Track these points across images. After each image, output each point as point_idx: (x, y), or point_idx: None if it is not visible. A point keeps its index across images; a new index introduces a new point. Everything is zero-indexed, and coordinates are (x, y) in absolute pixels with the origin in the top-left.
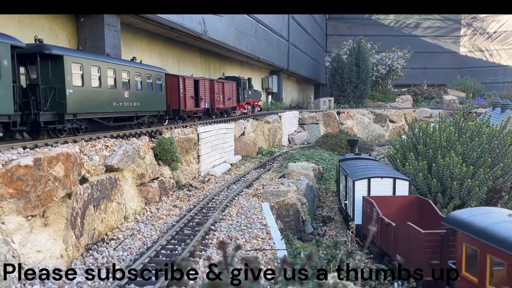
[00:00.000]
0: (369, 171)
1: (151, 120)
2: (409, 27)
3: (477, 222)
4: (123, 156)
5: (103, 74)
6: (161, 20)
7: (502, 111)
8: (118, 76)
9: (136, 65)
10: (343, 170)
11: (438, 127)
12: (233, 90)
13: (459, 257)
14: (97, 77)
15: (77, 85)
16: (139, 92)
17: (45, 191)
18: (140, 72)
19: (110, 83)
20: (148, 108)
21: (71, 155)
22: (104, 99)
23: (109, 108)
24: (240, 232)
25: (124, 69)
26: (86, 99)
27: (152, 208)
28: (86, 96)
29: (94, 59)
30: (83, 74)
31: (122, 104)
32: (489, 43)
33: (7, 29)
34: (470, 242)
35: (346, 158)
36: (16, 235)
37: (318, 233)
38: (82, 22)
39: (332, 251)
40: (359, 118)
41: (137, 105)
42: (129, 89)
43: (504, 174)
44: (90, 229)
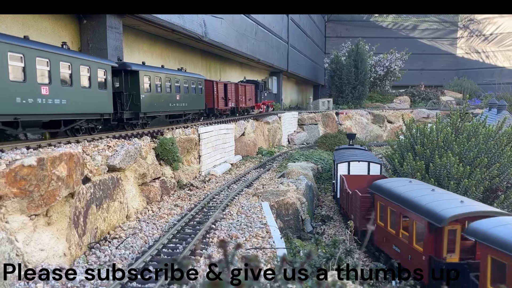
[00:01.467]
0: (351, 156)
1: (194, 117)
2: (406, 29)
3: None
4: (125, 156)
5: (162, 82)
6: (162, 22)
7: (498, 112)
8: (172, 83)
9: (184, 73)
10: (333, 157)
11: (435, 128)
12: (253, 92)
13: None
14: (159, 84)
15: (147, 91)
16: (186, 95)
17: (48, 190)
18: (186, 79)
19: (167, 89)
20: (192, 107)
21: (74, 155)
22: (163, 101)
23: (166, 108)
24: (240, 231)
25: (176, 78)
26: (152, 101)
27: (153, 207)
28: (152, 99)
29: (157, 72)
30: (150, 83)
31: (175, 105)
32: (486, 45)
33: (12, 30)
34: (380, 200)
35: (339, 148)
36: (19, 234)
37: (317, 232)
38: (85, 24)
39: (331, 249)
40: (358, 118)
41: (185, 105)
42: (180, 92)
43: (500, 174)
44: (92, 228)
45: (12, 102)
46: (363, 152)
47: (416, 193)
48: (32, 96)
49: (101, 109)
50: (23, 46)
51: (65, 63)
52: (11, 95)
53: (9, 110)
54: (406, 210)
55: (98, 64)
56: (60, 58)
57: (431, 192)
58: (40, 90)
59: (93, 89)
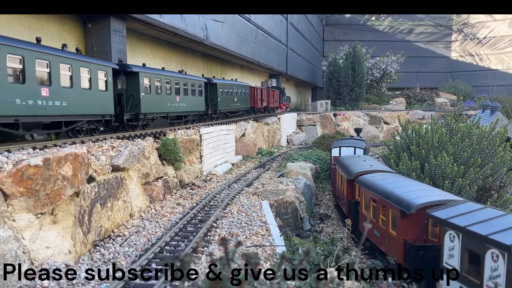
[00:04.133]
0: (343, 143)
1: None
2: (402, 33)
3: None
4: (129, 156)
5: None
6: (165, 26)
7: (491, 113)
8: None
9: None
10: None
11: (430, 129)
12: (278, 95)
13: None
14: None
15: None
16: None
17: (54, 189)
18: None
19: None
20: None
21: (79, 155)
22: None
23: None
24: (240, 229)
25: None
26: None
27: (156, 206)
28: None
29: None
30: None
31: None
32: (479, 48)
33: (18, 33)
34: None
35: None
36: (26, 231)
37: (315, 230)
38: (89, 28)
39: (329, 247)
40: (355, 120)
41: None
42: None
43: (493, 173)
44: (97, 226)
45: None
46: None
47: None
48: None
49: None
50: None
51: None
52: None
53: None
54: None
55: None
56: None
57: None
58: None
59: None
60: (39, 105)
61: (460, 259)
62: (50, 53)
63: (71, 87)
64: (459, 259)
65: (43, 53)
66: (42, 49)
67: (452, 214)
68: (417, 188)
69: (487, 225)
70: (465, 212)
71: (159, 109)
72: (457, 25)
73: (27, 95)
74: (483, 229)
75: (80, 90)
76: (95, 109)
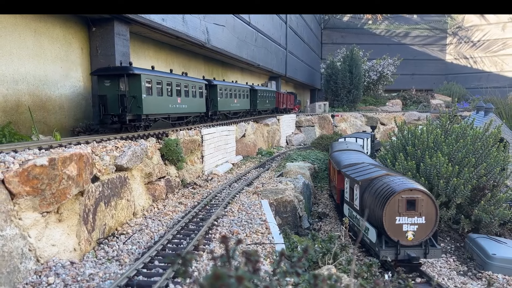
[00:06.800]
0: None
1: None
2: (398, 36)
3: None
4: (132, 156)
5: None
6: (167, 29)
7: (485, 115)
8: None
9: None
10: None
11: (426, 129)
12: (292, 99)
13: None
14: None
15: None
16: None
17: (59, 189)
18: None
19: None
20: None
21: (84, 156)
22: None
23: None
24: (241, 227)
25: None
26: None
27: (159, 205)
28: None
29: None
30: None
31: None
32: (473, 51)
33: (24, 37)
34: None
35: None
36: (32, 230)
37: (314, 228)
38: (94, 32)
39: (327, 244)
40: (352, 121)
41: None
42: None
43: (487, 173)
44: (101, 224)
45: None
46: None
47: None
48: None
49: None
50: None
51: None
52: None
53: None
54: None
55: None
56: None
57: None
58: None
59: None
60: (176, 107)
61: (349, 192)
62: (177, 78)
63: (186, 96)
64: (349, 192)
65: (175, 78)
66: (174, 76)
67: (349, 169)
68: (351, 157)
69: (358, 173)
70: (355, 168)
71: (161, 110)
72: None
73: (173, 102)
74: (356, 175)
75: (191, 98)
76: (197, 108)
